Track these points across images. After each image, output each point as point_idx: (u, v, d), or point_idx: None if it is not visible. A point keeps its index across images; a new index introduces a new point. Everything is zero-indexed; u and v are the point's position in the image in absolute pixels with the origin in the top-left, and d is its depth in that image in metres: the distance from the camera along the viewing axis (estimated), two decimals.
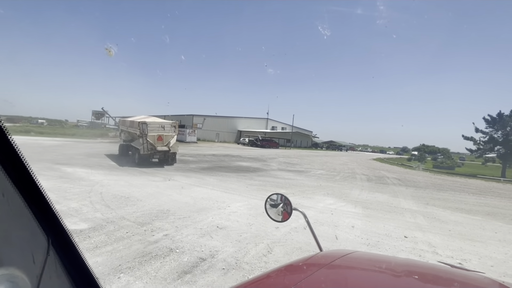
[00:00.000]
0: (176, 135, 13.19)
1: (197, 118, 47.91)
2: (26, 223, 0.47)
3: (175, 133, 13.05)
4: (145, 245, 3.77)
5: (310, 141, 76.19)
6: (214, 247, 3.89)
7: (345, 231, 5.09)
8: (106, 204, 5.60)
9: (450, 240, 5.14)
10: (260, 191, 8.30)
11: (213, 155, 20.92)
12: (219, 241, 4.12)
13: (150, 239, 4.01)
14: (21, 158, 0.46)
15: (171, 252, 3.63)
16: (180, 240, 4.04)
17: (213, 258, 3.55)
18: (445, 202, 9.28)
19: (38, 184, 0.49)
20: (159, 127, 12.58)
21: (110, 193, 6.60)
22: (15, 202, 0.45)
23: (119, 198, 6.21)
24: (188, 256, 3.53)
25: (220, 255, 3.65)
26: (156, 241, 3.93)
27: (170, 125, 12.99)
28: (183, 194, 7.15)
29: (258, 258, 3.67)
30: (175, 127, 13.14)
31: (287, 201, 1.59)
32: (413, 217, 6.63)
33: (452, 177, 20.72)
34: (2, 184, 0.43)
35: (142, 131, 11.95)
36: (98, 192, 6.57)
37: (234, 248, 3.91)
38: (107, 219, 4.69)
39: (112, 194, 6.47)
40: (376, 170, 20.39)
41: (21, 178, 0.46)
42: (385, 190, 10.82)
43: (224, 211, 5.77)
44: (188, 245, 3.87)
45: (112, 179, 8.41)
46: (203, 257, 3.55)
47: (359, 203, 7.73)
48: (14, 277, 0.40)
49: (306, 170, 16.26)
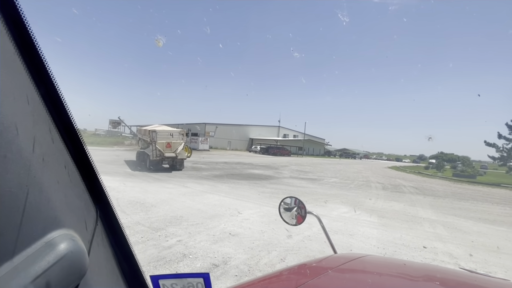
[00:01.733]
0: (184, 142, 13.87)
1: (209, 126, 48.63)
2: (81, 194, 0.53)
3: (182, 141, 13.75)
4: (159, 250, 3.82)
5: (323, 149, 75.31)
6: (226, 253, 3.89)
7: (361, 240, 4.95)
8: (122, 210, 5.74)
9: (473, 251, 4.88)
10: (272, 199, 8.25)
11: (225, 163, 21.06)
12: (232, 248, 4.11)
13: (164, 244, 4.06)
14: (80, 138, 0.52)
15: (184, 257, 3.66)
16: (193, 246, 4.07)
17: (226, 264, 3.54)
18: (466, 212, 8.85)
19: (93, 164, 0.56)
20: (168, 135, 13.41)
21: (125, 199, 6.77)
22: (73, 174, 0.52)
23: (134, 203, 6.35)
24: (201, 262, 3.55)
25: (233, 261, 3.64)
26: (170, 247, 3.98)
27: (178, 133, 13.82)
28: (196, 200, 7.22)
29: (271, 265, 3.63)
30: (183, 135, 13.96)
31: (301, 205, 1.59)
32: (432, 227, 6.36)
33: (474, 186, 19.75)
34: (65, 159, 0.49)
35: (152, 139, 12.77)
36: (115, 198, 6.75)
37: (247, 255, 3.89)
38: (123, 224, 4.80)
39: (128, 200, 6.63)
40: (392, 179, 19.79)
41: (79, 155, 0.53)
42: (402, 199, 10.47)
43: (237, 218, 5.77)
44: (201, 251, 3.89)
45: (127, 186, 8.63)
46: (216, 263, 3.55)
47: (374, 212, 7.51)
48: (74, 237, 0.45)
49: (319, 178, 16.02)
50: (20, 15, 0.40)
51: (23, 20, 0.41)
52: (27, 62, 0.42)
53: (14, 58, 0.39)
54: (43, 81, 0.45)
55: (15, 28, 0.40)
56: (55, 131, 0.48)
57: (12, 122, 0.36)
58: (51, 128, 0.47)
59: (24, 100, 0.40)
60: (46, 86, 0.46)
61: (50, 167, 0.44)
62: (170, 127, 15.78)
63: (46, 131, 0.45)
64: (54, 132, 0.47)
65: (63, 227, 0.45)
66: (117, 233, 0.65)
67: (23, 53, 0.41)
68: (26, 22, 0.41)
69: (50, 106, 0.47)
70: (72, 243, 0.44)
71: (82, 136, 0.54)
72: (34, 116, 0.42)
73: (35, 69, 0.43)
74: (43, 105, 0.45)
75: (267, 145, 48.23)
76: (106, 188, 0.61)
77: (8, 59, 0.38)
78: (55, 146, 0.48)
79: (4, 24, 0.38)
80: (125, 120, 46.47)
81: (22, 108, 0.39)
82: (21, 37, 0.41)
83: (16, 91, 0.39)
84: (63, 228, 0.44)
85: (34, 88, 0.43)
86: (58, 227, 0.44)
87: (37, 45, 0.43)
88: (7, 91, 0.36)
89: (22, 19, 0.41)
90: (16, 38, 0.40)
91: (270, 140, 54.29)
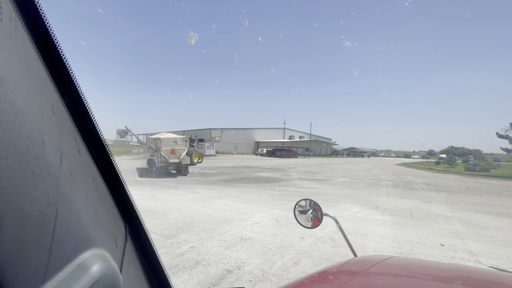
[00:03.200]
0: (187, 148, 14.70)
1: (215, 131, 48.86)
2: (109, 209, 0.51)
3: (186, 147, 14.57)
4: (172, 258, 3.81)
5: (330, 148, 74.66)
6: (239, 258, 3.85)
7: (375, 240, 4.84)
8: None
9: (494, 247, 4.71)
10: (282, 201, 8.18)
11: (232, 167, 21.06)
12: (244, 253, 4.07)
13: (177, 251, 4.05)
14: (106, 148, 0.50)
15: (197, 264, 3.63)
16: (205, 252, 4.05)
17: (240, 270, 3.50)
18: (483, 206, 8.59)
19: (120, 176, 0.54)
20: (172, 142, 14.15)
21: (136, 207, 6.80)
22: (101, 189, 0.50)
23: (145, 211, 6.38)
24: (214, 268, 3.52)
25: (246, 267, 3.60)
26: (182, 254, 3.96)
27: (182, 139, 14.60)
28: (205, 206, 7.21)
29: (285, 269, 3.58)
30: (186, 141, 14.74)
31: (316, 207, 1.55)
32: (448, 224, 6.18)
33: (488, 180, 19.21)
34: (92, 172, 0.47)
35: (157, 146, 13.54)
36: None
37: (260, 260, 3.84)
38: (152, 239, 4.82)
39: (138, 208, 6.66)
40: (402, 176, 19.43)
41: (106, 168, 0.51)
42: (414, 195, 10.25)
43: (247, 222, 5.73)
44: (214, 257, 3.86)
45: (137, 194, 8.69)
46: (230, 269, 3.52)
47: (387, 211, 7.36)
48: (106, 257, 0.42)
49: (328, 178, 15.85)
50: (43, 18, 0.39)
51: (46, 25, 0.39)
52: (51, 70, 0.40)
53: (38, 65, 0.38)
54: (67, 89, 0.44)
55: (37, 34, 0.38)
56: (81, 142, 0.46)
57: (39, 135, 0.34)
58: (77, 139, 0.45)
59: (49, 110, 0.38)
60: (70, 94, 0.44)
61: (78, 181, 0.42)
62: (176, 134, 16.31)
63: (72, 142, 0.43)
64: (80, 144, 0.45)
65: (94, 246, 0.42)
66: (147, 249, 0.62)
67: (46, 60, 0.39)
68: (49, 27, 0.39)
69: (75, 116, 0.45)
70: (105, 264, 0.41)
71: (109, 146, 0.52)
72: (60, 127, 0.40)
73: (59, 76, 0.42)
74: (68, 115, 0.43)
75: (274, 147, 48.08)
76: (134, 201, 0.58)
77: (32, 67, 0.36)
78: (82, 158, 0.46)
79: (26, 28, 0.36)
80: (132, 129, 47.13)
81: (47, 119, 0.38)
82: (44, 43, 0.39)
83: (41, 100, 0.37)
84: (94, 248, 0.42)
85: (58, 97, 0.41)
86: (89, 246, 0.41)
87: (61, 50, 0.41)
88: (32, 101, 0.34)
89: (45, 23, 0.39)
90: (39, 44, 0.38)
91: (276, 142, 54.14)
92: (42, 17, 0.38)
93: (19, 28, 0.35)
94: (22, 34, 0.35)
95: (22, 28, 0.35)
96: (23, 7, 0.35)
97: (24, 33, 0.35)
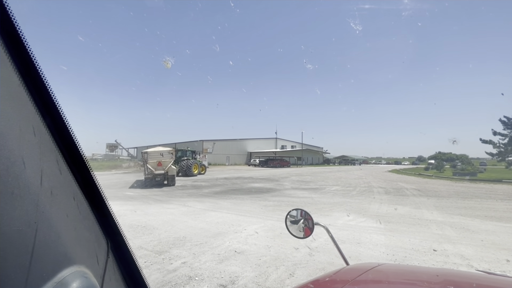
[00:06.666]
0: (173, 160, 15.77)
1: (207, 143, 48.64)
2: (91, 226, 0.51)
3: (172, 159, 15.51)
4: (164, 274, 3.70)
5: (322, 157, 75.29)
6: (233, 272, 3.77)
7: (369, 248, 4.85)
8: None
9: (485, 251, 4.79)
10: (276, 212, 8.12)
11: (225, 179, 20.88)
12: (238, 266, 3.99)
13: (169, 267, 3.94)
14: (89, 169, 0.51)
15: (190, 280, 3.53)
16: (198, 267, 3.95)
17: (234, 284, 3.42)
18: (472, 210, 8.76)
19: (102, 193, 0.54)
20: (159, 154, 15.10)
21: (126, 223, 6.62)
22: (82, 206, 0.50)
23: (135, 227, 6.21)
24: (208, 284, 3.43)
25: (241, 280, 3.52)
26: (174, 270, 3.85)
27: (168, 152, 15.51)
28: (198, 219, 7.08)
29: (281, 281, 3.52)
30: (172, 154, 15.62)
31: (307, 216, 1.56)
32: (439, 229, 6.26)
33: (476, 184, 19.68)
34: (73, 190, 0.48)
35: (144, 159, 14.63)
36: None
37: (255, 273, 3.77)
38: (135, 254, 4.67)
39: (129, 224, 6.48)
40: (393, 182, 19.69)
41: (88, 186, 0.51)
42: (406, 202, 10.37)
43: (241, 235, 5.65)
44: (207, 272, 3.77)
45: (128, 209, 8.47)
46: (224, 283, 3.43)
47: (380, 218, 7.41)
48: (86, 274, 0.42)
49: (321, 187, 15.90)
50: (25, 45, 0.40)
51: (28, 50, 0.40)
52: (33, 93, 0.41)
53: (19, 90, 0.39)
54: (49, 111, 0.45)
55: (19, 58, 0.40)
56: (63, 162, 0.47)
57: (19, 156, 0.35)
58: (58, 159, 0.46)
59: (31, 132, 0.39)
60: (52, 116, 0.45)
61: (58, 200, 0.43)
62: (168, 146, 16.85)
63: (53, 162, 0.44)
64: (61, 163, 0.46)
65: (74, 263, 0.42)
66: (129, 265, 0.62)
67: (28, 84, 0.40)
68: (30, 52, 0.40)
69: (56, 136, 0.46)
70: (84, 281, 0.41)
71: (90, 164, 0.52)
72: (41, 148, 0.41)
73: (40, 99, 0.43)
74: (50, 136, 0.44)
75: (266, 157, 48.12)
76: (116, 218, 0.58)
77: (13, 91, 0.37)
78: (63, 177, 0.46)
79: (8, 55, 0.37)
80: (123, 143, 46.36)
81: (28, 140, 0.38)
82: (26, 68, 0.40)
83: (22, 123, 0.38)
84: (74, 265, 0.42)
85: (40, 119, 0.42)
86: (69, 264, 0.41)
87: (42, 75, 0.42)
88: (13, 123, 0.35)
89: (27, 49, 0.40)
90: (21, 69, 0.39)
91: (268, 152, 54.25)
92: (24, 43, 0.40)
93: (1, 54, 0.36)
94: (4, 60, 0.36)
95: (4, 54, 0.37)
96: (4, 34, 0.37)
97: (6, 59, 0.37)
